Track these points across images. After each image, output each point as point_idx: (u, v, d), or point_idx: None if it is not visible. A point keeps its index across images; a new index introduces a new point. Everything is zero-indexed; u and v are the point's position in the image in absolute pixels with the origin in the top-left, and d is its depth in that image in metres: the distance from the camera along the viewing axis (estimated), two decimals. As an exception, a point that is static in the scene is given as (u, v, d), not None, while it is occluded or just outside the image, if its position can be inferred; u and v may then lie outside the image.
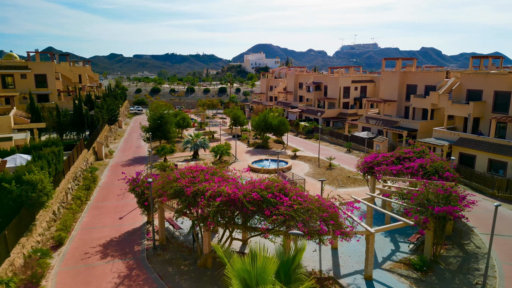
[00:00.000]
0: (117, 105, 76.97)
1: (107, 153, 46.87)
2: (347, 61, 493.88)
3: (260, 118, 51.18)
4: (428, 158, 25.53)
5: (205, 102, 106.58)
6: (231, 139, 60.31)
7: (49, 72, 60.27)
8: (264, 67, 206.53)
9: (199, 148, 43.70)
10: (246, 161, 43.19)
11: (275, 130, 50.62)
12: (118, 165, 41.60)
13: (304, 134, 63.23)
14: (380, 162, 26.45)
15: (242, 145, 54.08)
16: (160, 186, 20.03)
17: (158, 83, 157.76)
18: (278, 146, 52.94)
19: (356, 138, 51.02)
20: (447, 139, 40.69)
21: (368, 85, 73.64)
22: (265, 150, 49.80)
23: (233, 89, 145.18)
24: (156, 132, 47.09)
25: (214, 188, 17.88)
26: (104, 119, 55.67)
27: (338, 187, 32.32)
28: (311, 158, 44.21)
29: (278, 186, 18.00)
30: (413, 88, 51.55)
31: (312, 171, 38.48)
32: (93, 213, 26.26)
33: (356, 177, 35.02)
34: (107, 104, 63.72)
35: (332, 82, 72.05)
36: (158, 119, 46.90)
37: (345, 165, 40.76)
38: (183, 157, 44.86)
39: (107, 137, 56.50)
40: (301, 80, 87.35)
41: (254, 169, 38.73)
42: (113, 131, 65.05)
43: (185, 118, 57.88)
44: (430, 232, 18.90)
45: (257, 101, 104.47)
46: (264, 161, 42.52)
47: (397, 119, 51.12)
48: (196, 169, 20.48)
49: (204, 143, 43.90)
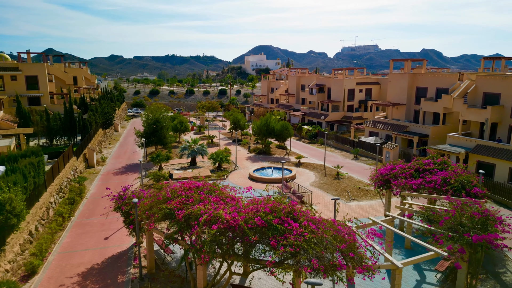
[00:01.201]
0: (113, 107, 74.24)
1: (99, 160, 44.08)
2: (347, 63, 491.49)
3: (262, 123, 48.40)
4: (452, 171, 22.70)
5: (204, 105, 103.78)
6: (231, 143, 57.51)
7: (40, 74, 57.52)
8: (265, 68, 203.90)
9: (196, 155, 40.90)
10: (247, 168, 40.39)
11: (277, 135, 47.82)
12: (110, 174, 38.81)
13: (308, 138, 60.43)
14: (397, 174, 23.63)
15: (243, 150, 51.29)
16: (148, 207, 17.24)
17: (157, 85, 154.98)
18: (281, 151, 50.13)
19: (363, 143, 48.17)
20: (462, 146, 37.87)
21: (374, 87, 70.89)
22: (267, 157, 47.00)
23: (233, 91, 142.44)
24: (151, 138, 44.32)
25: (210, 212, 15.07)
26: (97, 123, 52.91)
27: (348, 200, 29.47)
28: (316, 166, 41.39)
29: (285, 208, 15.20)
30: (423, 91, 48.77)
31: (319, 180, 35.63)
32: (76, 232, 23.42)
33: (367, 188, 32.17)
34: (102, 107, 60.99)
35: (336, 84, 69.28)
36: (153, 124, 44.12)
37: (354, 174, 37.92)
38: (180, 164, 42.04)
39: (101, 142, 53.74)
40: (303, 82, 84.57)
41: (255, 178, 35.91)
42: (108, 135, 62.28)
43: (183, 122, 55.09)
44: (465, 263, 16.08)
45: (258, 104, 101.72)
46: (267, 169, 39.67)
47: (406, 124, 48.31)
48: (190, 186, 17.66)
49: (202, 149, 41.09)
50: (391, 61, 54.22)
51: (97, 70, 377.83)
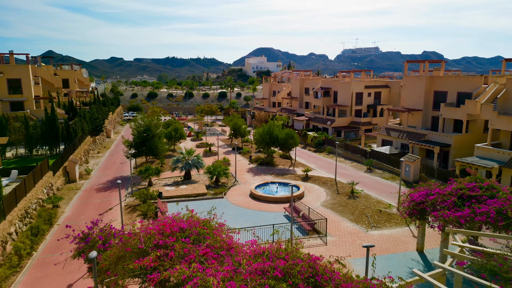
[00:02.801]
0: (105, 112, 69.73)
1: (83, 173, 39.45)
2: (348, 65, 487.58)
3: (264, 130, 43.76)
4: (505, 199, 18.05)
5: (203, 108, 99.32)
6: (230, 152, 52.91)
7: (24, 77, 53.07)
8: (266, 70, 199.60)
9: (191, 168, 36.23)
10: (248, 183, 35.74)
11: (281, 145, 43.16)
12: (92, 190, 34.17)
13: (314, 146, 55.77)
14: (436, 202, 18.97)
15: (243, 160, 46.66)
16: (114, 260, 12.62)
17: (155, 88, 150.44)
18: (285, 162, 45.48)
19: (377, 154, 43.43)
20: (494, 158, 33.19)
21: (383, 90, 66.30)
22: (270, 168, 42.35)
23: (234, 94, 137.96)
24: (141, 148, 39.71)
25: (197, 279, 10.42)
26: (84, 130, 48.34)
27: (369, 228, 24.72)
28: (327, 180, 36.69)
29: (304, 271, 10.59)
30: (443, 96, 44.14)
31: (331, 199, 30.93)
32: (34, 276, 18.68)
33: (390, 211, 27.43)
34: (91, 112, 56.45)
35: (343, 88, 64.72)
36: (144, 132, 39.51)
37: (370, 191, 33.22)
38: (172, 178, 37.38)
39: (88, 151, 49.15)
40: (307, 85, 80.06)
41: (258, 196, 31.23)
42: (98, 142, 57.71)
43: (178, 129, 50.45)
44: None
45: (259, 107, 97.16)
46: (271, 185, 34.98)
47: (424, 132, 43.66)
48: (171, 229, 13.00)
49: (197, 162, 36.45)
50: (406, 62, 49.57)
51: (97, 72, 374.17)
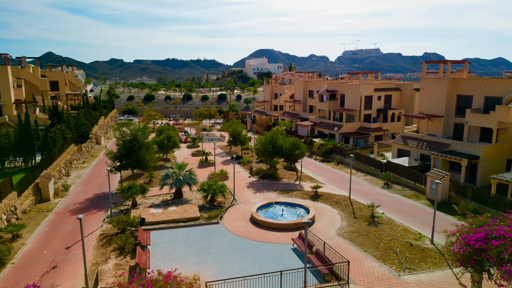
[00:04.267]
0: (95, 116, 64.94)
1: (60, 189, 34.56)
2: (349, 67, 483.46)
3: (267, 139, 38.85)
4: None
5: (201, 112, 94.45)
6: (229, 161, 48.01)
7: (2, 79, 48.31)
8: (267, 72, 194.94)
9: (183, 185, 31.28)
10: (248, 202, 30.83)
11: (286, 156, 38.21)
12: (67, 212, 29.26)
13: (321, 155, 50.85)
14: (503, 250, 14.06)
15: (243, 172, 41.76)
16: None
17: (153, 90, 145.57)
18: (290, 175, 40.55)
19: (395, 167, 38.39)
20: (537, 175, 28.32)
21: (394, 94, 61.45)
22: (273, 183, 37.44)
23: (234, 96, 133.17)
24: (126, 160, 34.84)
25: None
26: (66, 139, 43.47)
27: (401, 271, 19.63)
28: (340, 199, 31.71)
29: None
30: (467, 100, 39.27)
31: (347, 226, 25.91)
32: None
33: (423, 245, 22.38)
34: (77, 117, 51.63)
35: (351, 91, 59.85)
36: (129, 142, 34.62)
37: (393, 214, 28.22)
38: (161, 196, 32.44)
39: (71, 161, 44.26)
40: (311, 88, 75.19)
41: (260, 222, 26.26)
42: (85, 150, 52.85)
43: (171, 137, 45.49)
44: None
45: (260, 110, 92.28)
46: (275, 206, 29.95)
47: (446, 141, 38.75)
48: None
49: (190, 177, 31.51)
50: (424, 63, 44.66)
51: (96, 74, 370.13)
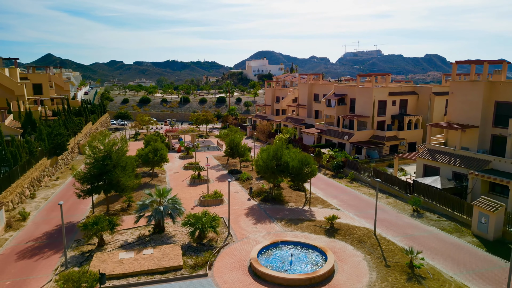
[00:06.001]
0: (78, 123, 58.52)
1: (16, 218, 28.08)
2: (350, 68, 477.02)
3: (270, 154, 32.29)
4: None
5: (198, 117, 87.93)
6: (225, 176, 41.55)
7: (-36, 82, 41.81)
8: (267, 74, 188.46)
9: (163, 218, 24.72)
10: (247, 240, 24.36)
11: (294, 175, 31.60)
12: (13, 255, 22.77)
13: (331, 169, 44.29)
14: None
15: (242, 192, 35.30)
16: None
17: (149, 93, 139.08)
18: (297, 196, 34.03)
19: (425, 189, 31.70)
20: None
21: (409, 98, 54.93)
22: (277, 208, 30.94)
23: (233, 99, 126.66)
24: (98, 182, 28.33)
25: None
26: (33, 152, 36.99)
27: None
28: (362, 234, 25.11)
29: None
30: (508, 108, 32.82)
31: (379, 282, 19.13)
32: None
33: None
34: (53, 126, 45.18)
35: (362, 95, 53.40)
36: (102, 160, 28.12)
37: (436, 259, 21.60)
38: (138, 230, 25.90)
39: (40, 178, 37.81)
40: (316, 91, 68.77)
41: (262, 275, 19.73)
42: (62, 163, 46.41)
43: (158, 149, 38.96)
44: None
45: (261, 115, 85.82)
46: (281, 246, 23.34)
47: (486, 157, 32.17)
48: None
49: (173, 207, 24.98)
50: (455, 63, 38.20)
51: (96, 76, 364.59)
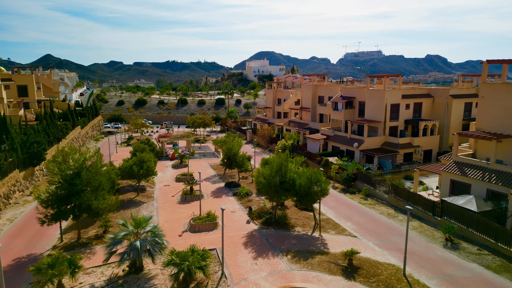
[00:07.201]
0: (62, 129, 53.65)
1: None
2: (351, 69, 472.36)
3: (273, 170, 27.30)
4: None
5: (194, 120, 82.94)
6: (222, 190, 36.64)
7: None
8: (268, 74, 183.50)
9: (140, 256, 19.71)
10: (245, 283, 19.45)
11: (301, 195, 26.60)
12: None
13: (341, 182, 39.28)
14: None
15: (240, 213, 30.37)
16: None
17: (145, 94, 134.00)
18: (305, 218, 29.08)
19: (458, 212, 26.68)
20: None
21: (424, 101, 49.93)
22: (282, 235, 26.00)
23: (233, 101, 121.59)
24: (65, 205, 23.38)
25: None
26: (1, 165, 32.08)
27: None
28: (389, 275, 20.19)
29: None
30: (551, 114, 27.88)
31: None
32: None
33: None
34: (28, 133, 40.30)
35: (373, 97, 48.41)
36: (70, 180, 23.17)
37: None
38: (111, 269, 20.94)
39: (9, 195, 32.87)
40: (321, 93, 63.81)
41: None
42: (40, 174, 41.54)
43: (144, 161, 33.96)
44: None
45: (261, 118, 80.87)
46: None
47: (526, 172, 27.22)
48: None
49: (153, 241, 19.98)
50: (486, 63, 33.18)
51: (95, 76, 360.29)
